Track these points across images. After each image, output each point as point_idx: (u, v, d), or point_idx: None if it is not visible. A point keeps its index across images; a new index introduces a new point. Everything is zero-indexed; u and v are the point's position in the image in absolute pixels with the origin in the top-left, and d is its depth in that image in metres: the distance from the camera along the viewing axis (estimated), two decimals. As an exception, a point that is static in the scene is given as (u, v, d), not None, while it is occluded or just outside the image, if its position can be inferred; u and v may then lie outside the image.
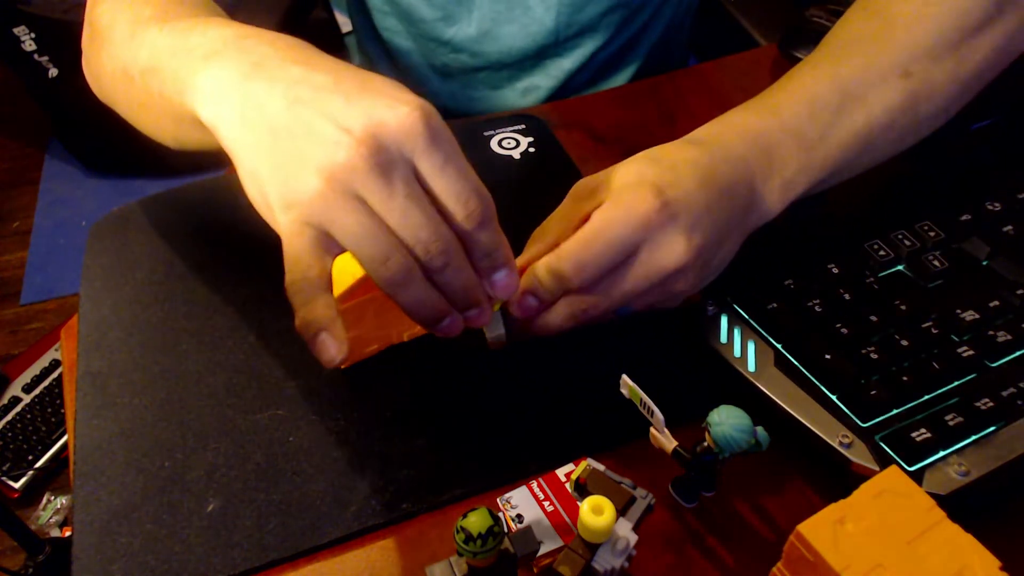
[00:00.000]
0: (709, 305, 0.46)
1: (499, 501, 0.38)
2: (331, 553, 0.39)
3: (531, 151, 0.62)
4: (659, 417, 0.37)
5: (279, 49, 0.36)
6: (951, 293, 0.47)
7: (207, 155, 0.42)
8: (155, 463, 0.42)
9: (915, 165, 0.54)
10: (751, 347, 0.44)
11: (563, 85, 0.77)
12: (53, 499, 1.37)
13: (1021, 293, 0.46)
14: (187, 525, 0.40)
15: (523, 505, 0.38)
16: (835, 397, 0.42)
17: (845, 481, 0.38)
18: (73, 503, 0.41)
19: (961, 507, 0.33)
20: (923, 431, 0.39)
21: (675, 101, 0.68)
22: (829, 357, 0.42)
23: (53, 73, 1.75)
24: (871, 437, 0.40)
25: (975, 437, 0.40)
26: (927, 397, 0.42)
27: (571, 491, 0.37)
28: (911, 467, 0.38)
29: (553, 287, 0.39)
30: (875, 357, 0.42)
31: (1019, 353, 0.44)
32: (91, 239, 0.56)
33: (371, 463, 0.42)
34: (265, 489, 0.41)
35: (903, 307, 0.45)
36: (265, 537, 0.39)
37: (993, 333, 0.44)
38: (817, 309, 0.45)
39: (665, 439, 0.38)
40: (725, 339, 0.45)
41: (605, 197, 0.40)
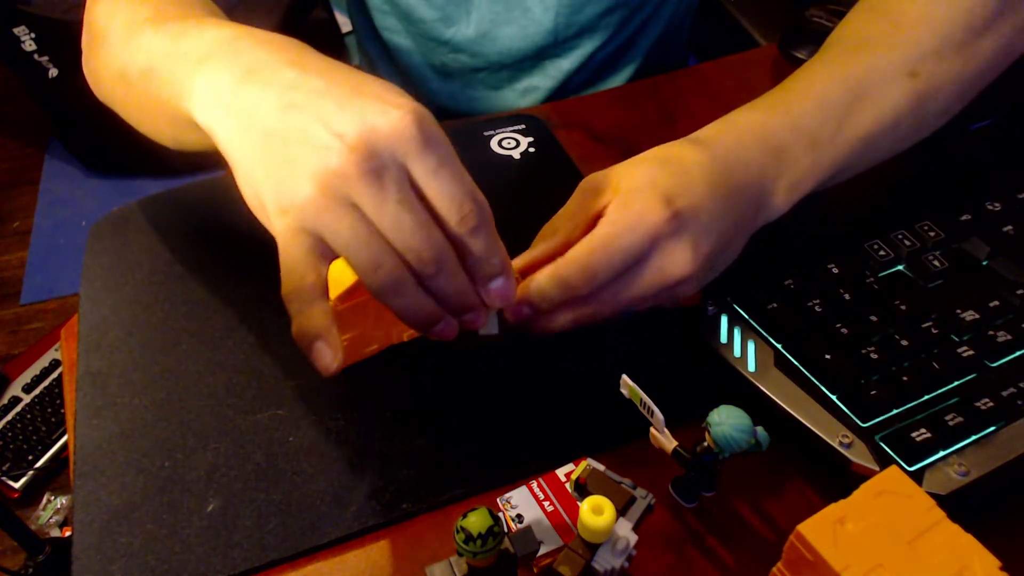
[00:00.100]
0: (709, 305, 0.46)
1: (499, 501, 0.38)
2: (331, 553, 0.39)
3: (531, 151, 0.62)
4: (659, 417, 0.37)
5: (272, 51, 0.36)
6: (951, 293, 0.47)
7: (207, 155, 0.42)
8: (155, 463, 0.42)
9: (915, 165, 0.54)
10: (751, 347, 0.44)
11: (562, 85, 0.77)
12: (53, 499, 1.37)
13: (1021, 293, 0.46)
14: (187, 525, 0.40)
15: (523, 505, 0.38)
16: (835, 397, 0.42)
17: (845, 481, 0.38)
18: (73, 503, 0.41)
19: (961, 507, 0.33)
20: (923, 431, 0.39)
21: (675, 101, 0.68)
22: (829, 357, 0.42)
23: (53, 73, 1.75)
24: (871, 437, 0.40)
25: (975, 437, 0.40)
26: (927, 397, 0.42)
27: (571, 491, 0.37)
28: (911, 467, 0.38)
29: (556, 296, 0.39)
30: (875, 357, 0.42)
31: (1019, 353, 0.44)
32: (91, 239, 0.56)
33: (371, 463, 0.42)
34: (265, 489, 0.41)
35: (903, 307, 0.45)
36: (265, 537, 0.39)
37: (993, 333, 0.44)
38: (817, 309, 0.45)
39: (665, 439, 0.38)
40: (725, 339, 0.45)
41: (614, 197, 0.40)
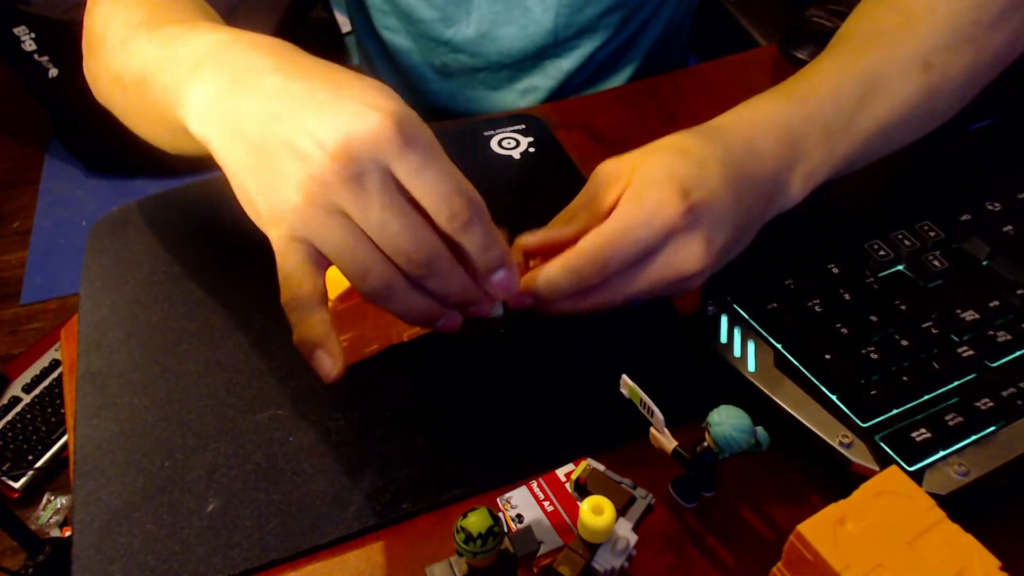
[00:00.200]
0: (709, 305, 0.46)
1: (499, 501, 0.38)
2: (331, 553, 0.39)
3: (531, 151, 0.62)
4: (659, 417, 0.37)
5: (257, 57, 0.36)
6: (951, 293, 0.47)
7: (207, 157, 0.42)
8: (155, 463, 0.42)
9: (915, 165, 0.54)
10: (751, 347, 0.44)
11: (562, 85, 0.77)
12: (53, 499, 1.37)
13: (1021, 293, 0.46)
14: (187, 525, 0.40)
15: (523, 505, 0.38)
16: (835, 397, 0.42)
17: (845, 481, 0.38)
18: (73, 503, 0.41)
19: (961, 507, 0.33)
20: (923, 431, 0.39)
21: (675, 101, 0.68)
22: (829, 357, 0.42)
23: (53, 73, 1.75)
24: (871, 437, 0.40)
25: (975, 437, 0.40)
26: (927, 397, 0.42)
27: (571, 491, 0.37)
28: (911, 467, 0.38)
29: (566, 286, 0.39)
30: (875, 357, 0.42)
31: (1019, 353, 0.44)
32: (91, 239, 0.56)
33: (371, 463, 0.42)
34: (265, 489, 0.41)
35: (903, 307, 0.45)
36: (265, 537, 0.39)
37: (993, 333, 0.44)
38: (817, 309, 0.45)
39: (665, 439, 0.38)
40: (725, 339, 0.45)
41: (629, 186, 0.39)
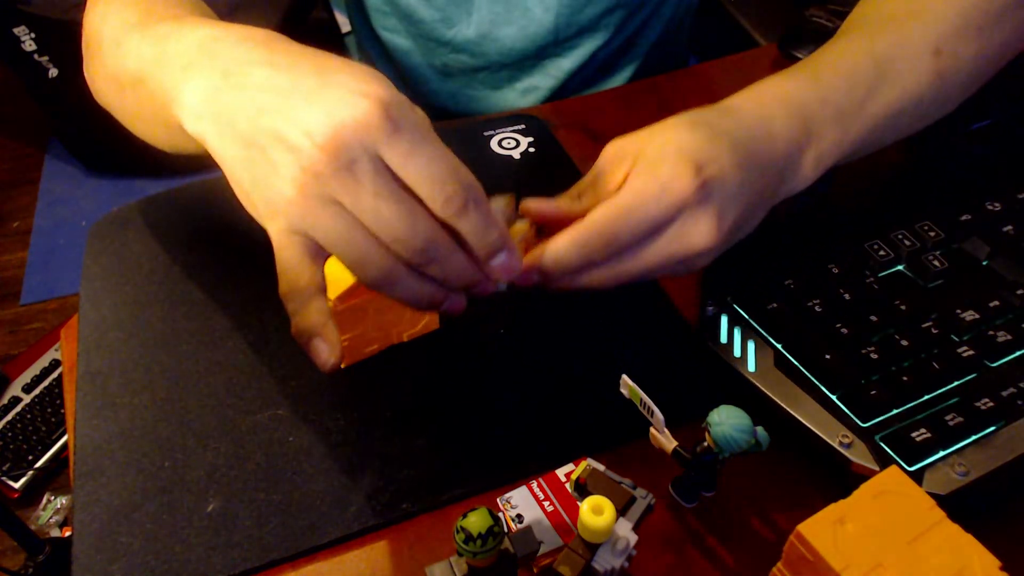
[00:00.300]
0: (709, 305, 0.46)
1: (499, 501, 0.38)
2: (331, 553, 0.39)
3: (531, 151, 0.62)
4: (659, 417, 0.37)
5: (246, 51, 0.36)
6: (951, 293, 0.47)
7: (205, 156, 0.42)
8: (155, 463, 0.42)
9: (915, 165, 0.54)
10: (751, 347, 0.44)
11: (563, 85, 0.77)
12: (53, 499, 1.37)
13: (1021, 293, 0.46)
14: (187, 525, 0.40)
15: (523, 505, 0.38)
16: (835, 397, 0.42)
17: (845, 481, 0.38)
18: (73, 503, 0.41)
19: (961, 507, 0.33)
20: (923, 431, 0.39)
21: (675, 101, 0.68)
22: (829, 357, 0.42)
23: (53, 73, 1.75)
24: (871, 437, 0.40)
25: (975, 437, 0.40)
26: (927, 397, 0.42)
27: (571, 491, 0.37)
28: (911, 467, 0.38)
29: (573, 262, 0.38)
30: (875, 357, 0.42)
31: (1019, 353, 0.44)
32: (91, 239, 0.56)
33: (371, 463, 0.42)
34: (265, 489, 0.41)
35: (903, 307, 0.45)
36: (265, 537, 0.39)
37: (993, 333, 0.44)
38: (817, 309, 0.45)
39: (665, 439, 0.38)
40: (725, 339, 0.45)
41: (639, 162, 0.39)
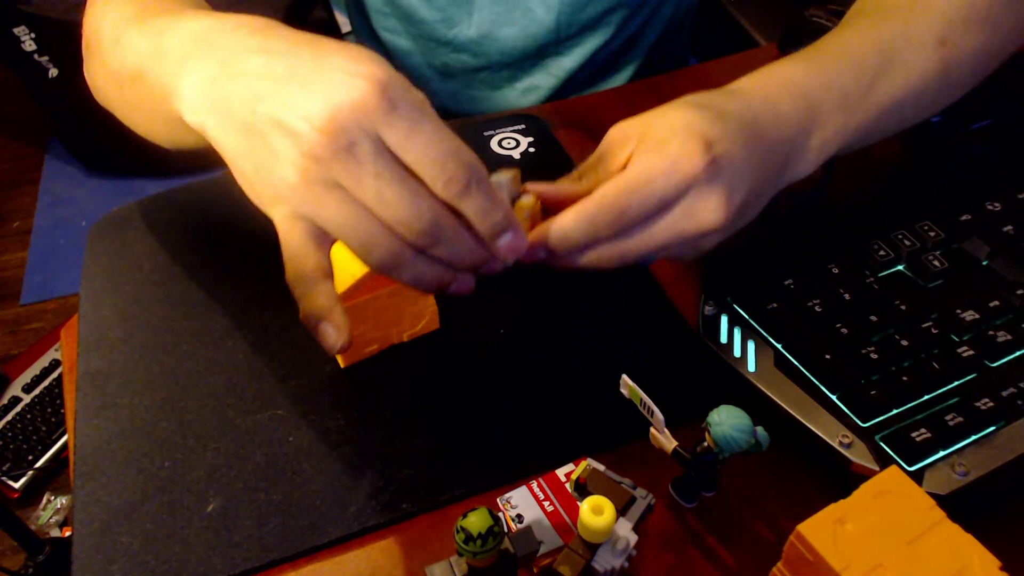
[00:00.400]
0: (709, 305, 0.46)
1: (499, 501, 0.38)
2: (331, 553, 0.39)
3: (531, 151, 0.62)
4: (659, 417, 0.37)
5: (241, 39, 0.36)
6: (951, 293, 0.47)
7: (207, 155, 0.42)
8: (155, 463, 0.42)
9: (915, 165, 0.54)
10: (751, 347, 0.44)
11: (563, 84, 0.77)
12: (53, 499, 1.36)
13: (1021, 293, 0.46)
14: (187, 525, 0.40)
15: (523, 505, 0.38)
16: (835, 397, 0.42)
17: (845, 481, 0.38)
18: (73, 503, 0.41)
19: (961, 507, 0.33)
20: (923, 431, 0.39)
21: (675, 101, 0.68)
22: (829, 357, 0.42)
23: (53, 73, 1.75)
24: (871, 437, 0.40)
25: (975, 437, 0.40)
26: (927, 397, 0.42)
27: (571, 491, 0.37)
28: (911, 467, 0.38)
29: (580, 238, 0.38)
30: (875, 357, 0.42)
31: (1019, 353, 0.44)
32: (91, 239, 0.56)
33: (371, 463, 0.42)
34: (265, 489, 0.41)
35: (903, 307, 0.45)
36: (265, 537, 0.39)
37: (993, 333, 0.44)
38: (817, 309, 0.45)
39: (665, 439, 0.38)
40: (725, 339, 0.45)
41: (645, 139, 0.38)
